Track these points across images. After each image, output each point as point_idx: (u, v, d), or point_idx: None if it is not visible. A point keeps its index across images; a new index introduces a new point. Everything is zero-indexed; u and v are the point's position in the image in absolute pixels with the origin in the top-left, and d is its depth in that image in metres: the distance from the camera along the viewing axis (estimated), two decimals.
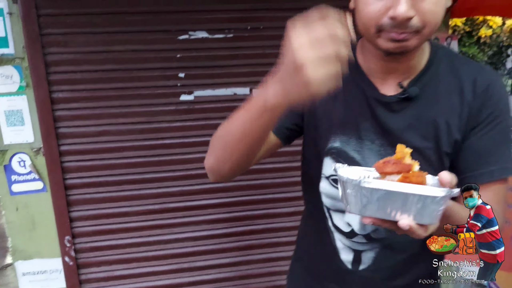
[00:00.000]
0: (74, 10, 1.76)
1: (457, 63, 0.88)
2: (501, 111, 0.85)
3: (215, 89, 1.94)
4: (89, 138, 1.89)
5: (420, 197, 0.61)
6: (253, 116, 0.73)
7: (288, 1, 1.88)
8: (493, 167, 0.85)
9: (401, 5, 0.71)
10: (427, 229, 0.66)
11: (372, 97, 0.88)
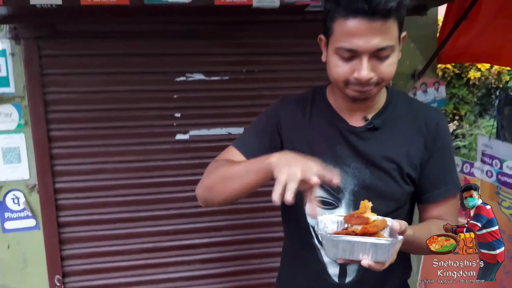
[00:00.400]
0: (76, 51, 1.83)
1: (410, 102, 1.10)
2: (448, 143, 1.09)
3: (210, 129, 1.99)
4: (84, 176, 1.91)
5: (372, 244, 0.81)
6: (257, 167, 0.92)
7: (281, 46, 1.96)
8: (448, 186, 1.07)
9: (363, 70, 0.90)
10: (384, 265, 0.84)
11: (344, 128, 1.05)
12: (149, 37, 1.87)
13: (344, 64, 0.93)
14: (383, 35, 0.88)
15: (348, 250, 0.83)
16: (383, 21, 0.87)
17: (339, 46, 0.92)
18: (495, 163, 1.61)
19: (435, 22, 2.15)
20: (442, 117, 1.09)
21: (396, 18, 0.90)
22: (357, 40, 0.88)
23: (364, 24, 0.87)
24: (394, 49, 0.92)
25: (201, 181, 1.06)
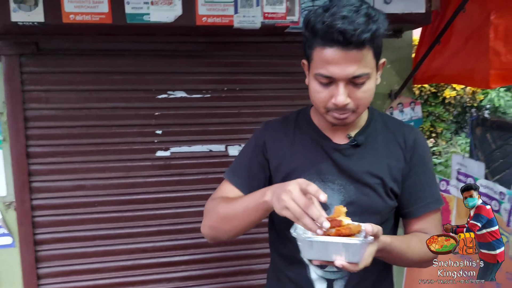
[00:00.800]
0: (58, 68, 1.84)
1: (389, 121, 1.16)
2: (427, 157, 1.14)
3: (191, 146, 2.00)
4: (63, 193, 1.89)
5: (344, 244, 0.85)
6: (255, 205, 0.99)
7: (261, 65, 2.01)
8: (429, 200, 1.11)
9: (340, 96, 0.96)
10: (357, 266, 0.87)
11: (328, 146, 1.10)
12: (132, 55, 1.89)
13: (323, 89, 0.98)
14: (358, 63, 0.94)
15: (323, 251, 0.86)
16: (358, 50, 0.92)
17: (317, 72, 0.97)
18: (469, 182, 1.66)
19: (410, 45, 2.23)
20: (419, 133, 1.15)
21: (371, 47, 0.95)
22: (334, 68, 0.94)
23: (340, 53, 0.93)
24: (369, 76, 0.97)
25: (203, 221, 1.12)
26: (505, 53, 1.94)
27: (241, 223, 1.04)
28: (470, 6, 1.82)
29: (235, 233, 1.08)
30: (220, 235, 1.11)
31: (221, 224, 1.08)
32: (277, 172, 1.12)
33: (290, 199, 0.86)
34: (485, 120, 1.68)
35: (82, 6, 1.47)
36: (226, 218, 1.06)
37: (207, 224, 1.11)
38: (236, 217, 1.04)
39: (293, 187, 0.87)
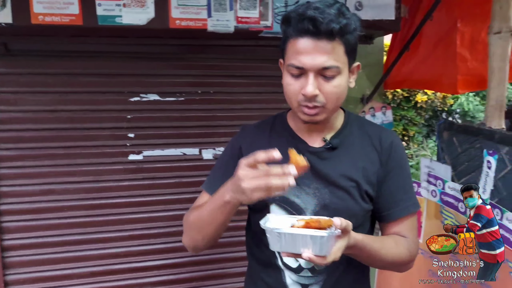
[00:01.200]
0: (27, 70, 1.79)
1: (365, 124, 1.16)
2: (404, 160, 1.13)
3: (164, 149, 1.98)
4: (32, 197, 1.85)
5: (312, 237, 0.84)
6: (217, 207, 1.00)
7: (236, 68, 2.01)
8: (407, 203, 1.11)
9: (308, 86, 0.97)
10: (325, 259, 0.86)
11: (303, 149, 1.09)
12: (104, 57, 1.86)
13: (294, 81, 1.00)
14: (328, 55, 0.95)
15: (290, 243, 0.86)
16: (328, 41, 0.95)
17: (289, 63, 0.99)
18: (439, 184, 1.70)
19: (381, 50, 2.29)
20: (396, 136, 1.15)
21: (342, 42, 0.97)
22: (304, 58, 0.96)
23: (311, 43, 0.95)
24: (340, 72, 0.98)
25: (183, 232, 1.13)
26: (471, 59, 2.01)
27: (211, 227, 1.04)
28: (438, 14, 1.88)
29: (208, 239, 1.07)
30: (198, 243, 1.10)
31: (194, 233, 1.08)
32: None
33: (250, 182, 0.87)
34: (451, 124, 1.73)
35: (52, 7, 1.44)
36: (197, 226, 1.07)
37: (185, 235, 1.13)
38: (205, 224, 1.04)
39: (243, 172, 0.88)
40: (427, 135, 5.68)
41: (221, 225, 1.03)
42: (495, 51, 1.52)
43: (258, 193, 0.87)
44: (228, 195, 0.95)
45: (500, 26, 1.50)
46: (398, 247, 1.06)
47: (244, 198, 0.90)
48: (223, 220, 1.01)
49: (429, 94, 5.35)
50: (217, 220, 1.01)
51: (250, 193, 0.88)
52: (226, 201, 0.96)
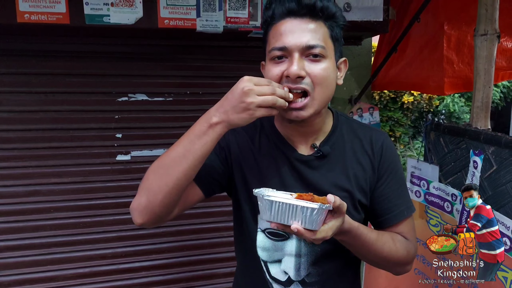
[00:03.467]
0: (12, 69, 1.76)
1: (355, 126, 1.10)
2: (396, 162, 1.08)
3: (152, 150, 1.97)
4: (16, 199, 1.82)
5: (302, 208, 0.82)
6: (197, 134, 0.89)
7: (224, 69, 2.01)
8: (402, 207, 1.06)
9: (293, 66, 0.91)
10: (315, 234, 0.82)
11: (292, 157, 1.04)
12: (91, 57, 1.84)
13: (276, 67, 0.94)
14: (313, 34, 0.92)
15: (280, 213, 0.84)
16: (311, 20, 0.93)
17: (271, 48, 0.94)
18: (422, 184, 1.72)
19: (369, 52, 2.31)
20: (386, 137, 1.10)
21: (326, 25, 0.95)
22: (287, 38, 0.92)
23: (294, 22, 0.92)
24: (326, 55, 0.94)
25: (137, 192, 0.95)
26: (458, 62, 2.04)
27: (181, 167, 0.88)
28: (425, 17, 1.90)
29: (172, 187, 0.89)
30: (154, 199, 0.90)
31: (156, 179, 0.90)
32: (240, 180, 1.07)
33: (256, 96, 0.84)
34: (438, 125, 1.75)
35: (38, 6, 1.42)
36: (162, 166, 0.91)
37: (138, 192, 0.94)
38: (176, 159, 0.89)
39: (249, 86, 0.85)
40: (413, 136, 5.74)
41: (196, 162, 0.88)
42: (480, 53, 1.54)
43: (262, 110, 0.85)
44: (216, 117, 0.86)
45: (485, 28, 1.52)
46: (395, 244, 1.02)
47: (243, 117, 0.85)
48: (201, 154, 0.88)
49: (415, 95, 5.41)
50: (193, 153, 0.88)
51: (254, 109, 0.84)
52: (213, 123, 0.86)
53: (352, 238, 0.93)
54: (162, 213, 0.93)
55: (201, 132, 0.88)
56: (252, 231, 1.07)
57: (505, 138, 1.37)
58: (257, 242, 1.06)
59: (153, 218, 0.94)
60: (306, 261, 1.05)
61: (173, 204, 0.94)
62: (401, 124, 5.41)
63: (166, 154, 0.93)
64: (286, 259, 1.05)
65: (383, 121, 5.20)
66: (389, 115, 5.32)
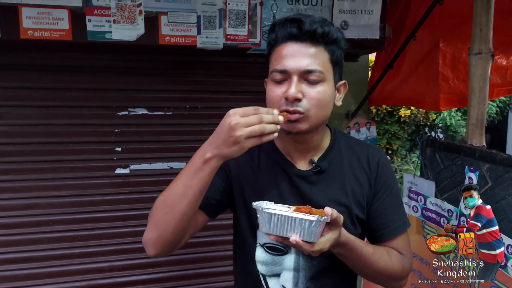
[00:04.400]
0: (13, 83, 1.78)
1: (352, 143, 1.14)
2: (392, 178, 1.11)
3: (151, 163, 1.98)
4: (15, 212, 1.82)
5: (301, 220, 0.84)
6: (194, 170, 0.91)
7: (224, 84, 2.04)
8: (398, 223, 1.08)
9: (291, 89, 0.95)
10: (313, 246, 0.85)
11: (292, 173, 1.06)
12: (92, 71, 1.86)
13: (277, 88, 0.98)
14: (312, 59, 0.96)
15: (279, 226, 0.85)
16: (311, 45, 0.96)
17: (272, 69, 0.99)
18: (420, 199, 1.74)
19: (366, 68, 2.34)
20: (383, 154, 1.14)
21: (326, 50, 0.98)
22: (288, 61, 0.96)
23: (294, 47, 0.96)
24: (324, 79, 0.97)
25: (147, 226, 1.00)
26: (453, 78, 2.07)
27: (183, 203, 0.92)
28: (421, 34, 1.94)
29: (177, 223, 0.94)
30: (164, 232, 0.95)
31: (162, 216, 0.95)
32: (239, 196, 1.09)
33: (244, 129, 0.85)
34: (434, 141, 1.77)
35: (41, 23, 1.45)
36: (166, 204, 0.95)
37: (148, 227, 0.99)
38: (177, 197, 0.93)
39: (235, 120, 0.85)
40: (410, 149, 5.76)
41: (196, 197, 0.93)
42: (475, 72, 1.57)
43: (251, 141, 0.86)
44: (209, 152, 0.89)
45: (480, 47, 1.55)
46: (391, 258, 1.04)
47: (234, 150, 0.87)
48: (199, 189, 0.92)
49: (412, 109, 5.44)
50: (192, 188, 0.91)
51: (244, 142, 0.85)
52: (207, 159, 0.89)
53: (349, 251, 0.95)
54: (172, 243, 0.99)
55: (197, 168, 0.91)
56: (251, 246, 1.09)
57: (500, 155, 1.39)
58: (256, 256, 1.08)
59: (165, 249, 0.99)
60: (304, 276, 1.06)
61: (182, 234, 0.99)
62: (398, 137, 5.43)
63: (168, 190, 0.96)
64: (285, 273, 1.07)
65: (380, 134, 5.22)
66: (386, 128, 5.34)
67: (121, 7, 1.52)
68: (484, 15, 1.54)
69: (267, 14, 1.69)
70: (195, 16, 1.61)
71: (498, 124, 6.23)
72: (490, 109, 6.10)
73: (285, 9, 1.71)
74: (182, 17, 1.59)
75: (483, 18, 1.54)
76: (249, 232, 1.08)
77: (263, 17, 1.68)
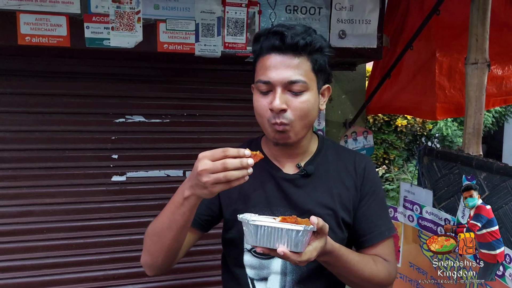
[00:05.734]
0: (9, 89, 1.77)
1: (339, 150, 1.18)
2: (377, 184, 1.15)
3: (148, 171, 1.97)
4: (8, 219, 1.80)
5: (288, 230, 0.84)
6: (176, 205, 0.96)
7: (222, 92, 2.04)
8: (383, 228, 1.11)
9: (276, 101, 0.98)
10: (300, 256, 0.86)
11: (278, 177, 1.10)
12: (89, 78, 1.86)
13: (262, 98, 1.02)
14: (295, 70, 0.99)
15: (266, 237, 0.86)
16: (294, 56, 0.99)
17: (257, 80, 1.02)
18: (415, 209, 1.74)
19: (363, 77, 2.35)
20: (369, 161, 1.18)
21: (309, 59, 1.01)
22: (271, 73, 1.00)
23: (277, 58, 0.99)
24: (308, 88, 1.01)
25: (143, 250, 1.09)
26: (449, 88, 2.09)
27: (170, 234, 0.99)
28: (417, 44, 1.95)
29: (167, 251, 1.02)
30: (156, 259, 1.05)
31: (153, 244, 1.03)
32: (227, 203, 1.13)
33: (209, 175, 0.86)
34: (431, 150, 1.77)
35: (39, 29, 1.45)
36: (155, 234, 1.03)
37: (143, 252, 1.08)
38: (164, 229, 1.00)
39: (201, 166, 0.86)
40: (407, 159, 5.78)
41: (180, 229, 0.98)
42: (471, 81, 1.58)
43: (219, 186, 0.87)
44: (187, 191, 0.93)
45: (476, 57, 1.56)
46: (377, 265, 1.06)
47: (205, 192, 0.89)
48: (183, 223, 0.97)
49: (409, 119, 5.47)
50: (176, 223, 0.97)
51: (211, 187, 0.87)
52: (186, 197, 0.93)
53: (335, 259, 0.97)
54: (167, 264, 1.07)
55: (179, 203, 0.95)
56: (240, 251, 1.12)
57: (497, 164, 1.39)
58: (244, 261, 1.11)
59: (161, 271, 1.09)
60: (291, 279, 1.08)
61: (174, 256, 1.06)
62: (395, 147, 5.44)
63: (156, 221, 1.03)
64: (272, 277, 1.09)
65: (377, 144, 5.23)
66: (383, 138, 5.35)
67: (119, 14, 1.52)
68: (480, 26, 1.56)
69: (266, 23, 1.69)
70: (194, 24, 1.61)
71: (494, 134, 6.27)
72: (486, 120, 6.13)
73: (284, 17, 1.71)
74: (180, 24, 1.59)
75: (479, 28, 1.56)
76: (237, 237, 1.11)
77: (261, 25, 1.69)
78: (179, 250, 1.05)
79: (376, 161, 5.14)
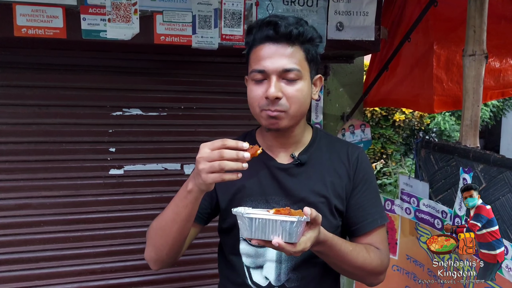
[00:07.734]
0: (5, 82, 1.76)
1: (333, 140, 1.20)
2: (370, 173, 1.17)
3: (145, 164, 1.97)
4: (6, 212, 1.80)
5: (282, 222, 0.85)
6: (180, 198, 0.99)
7: (219, 85, 2.03)
8: (376, 216, 1.13)
9: (271, 88, 1.00)
10: (295, 247, 0.87)
11: (273, 166, 1.12)
12: (85, 70, 1.85)
13: (257, 87, 1.03)
14: (289, 58, 1.01)
15: (261, 229, 0.87)
16: (287, 45, 1.01)
17: (251, 69, 1.04)
18: (412, 201, 1.74)
19: (361, 70, 2.34)
20: (362, 150, 1.19)
21: (302, 48, 1.03)
22: (266, 61, 1.01)
23: (272, 47, 1.01)
24: (301, 76, 1.03)
25: (146, 245, 1.10)
26: (447, 80, 2.08)
27: (174, 227, 1.01)
28: (415, 36, 1.95)
29: (172, 245, 1.04)
30: (161, 252, 1.06)
31: (157, 238, 1.05)
32: (223, 194, 1.14)
33: (205, 163, 0.88)
34: (429, 142, 1.78)
35: (35, 20, 1.44)
36: (160, 227, 1.04)
37: (147, 247, 1.10)
38: (168, 222, 1.02)
39: (200, 154, 0.89)
40: (405, 153, 5.78)
41: (184, 222, 1.00)
42: (469, 73, 1.58)
43: (212, 176, 0.88)
44: (190, 183, 0.95)
45: (474, 49, 1.56)
46: (370, 254, 1.07)
47: (201, 183, 0.90)
48: (186, 215, 0.99)
49: (406, 113, 5.47)
50: (180, 215, 0.99)
51: (205, 175, 0.88)
52: (189, 190, 0.95)
53: (328, 248, 0.98)
54: (171, 259, 1.09)
55: (183, 196, 0.98)
56: (236, 240, 1.13)
57: (494, 156, 1.39)
58: (240, 249, 1.13)
59: (165, 265, 1.10)
60: (286, 267, 1.10)
61: (179, 250, 1.08)
62: (393, 141, 5.45)
63: (161, 216, 1.05)
64: (268, 265, 1.11)
65: (375, 138, 5.24)
66: (381, 133, 5.36)
67: (116, 5, 1.51)
68: (478, 17, 1.55)
69: (263, 14, 1.69)
70: (191, 15, 1.60)
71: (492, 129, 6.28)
72: (484, 114, 6.14)
73: (281, 9, 1.71)
74: (177, 16, 1.59)
75: (477, 20, 1.55)
76: (233, 226, 1.12)
77: (258, 17, 1.68)
78: (183, 243, 1.07)
79: (374, 155, 5.15)
